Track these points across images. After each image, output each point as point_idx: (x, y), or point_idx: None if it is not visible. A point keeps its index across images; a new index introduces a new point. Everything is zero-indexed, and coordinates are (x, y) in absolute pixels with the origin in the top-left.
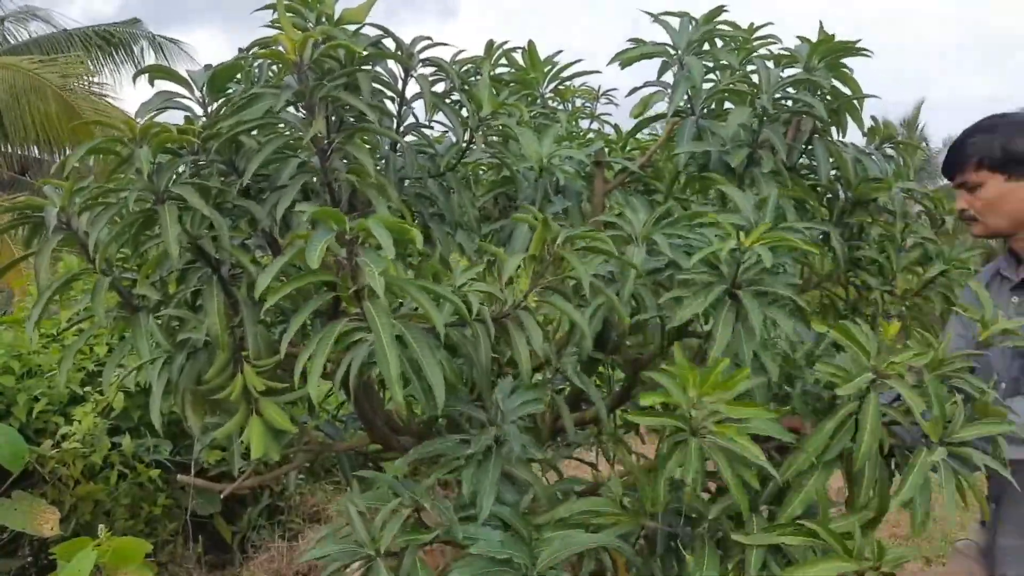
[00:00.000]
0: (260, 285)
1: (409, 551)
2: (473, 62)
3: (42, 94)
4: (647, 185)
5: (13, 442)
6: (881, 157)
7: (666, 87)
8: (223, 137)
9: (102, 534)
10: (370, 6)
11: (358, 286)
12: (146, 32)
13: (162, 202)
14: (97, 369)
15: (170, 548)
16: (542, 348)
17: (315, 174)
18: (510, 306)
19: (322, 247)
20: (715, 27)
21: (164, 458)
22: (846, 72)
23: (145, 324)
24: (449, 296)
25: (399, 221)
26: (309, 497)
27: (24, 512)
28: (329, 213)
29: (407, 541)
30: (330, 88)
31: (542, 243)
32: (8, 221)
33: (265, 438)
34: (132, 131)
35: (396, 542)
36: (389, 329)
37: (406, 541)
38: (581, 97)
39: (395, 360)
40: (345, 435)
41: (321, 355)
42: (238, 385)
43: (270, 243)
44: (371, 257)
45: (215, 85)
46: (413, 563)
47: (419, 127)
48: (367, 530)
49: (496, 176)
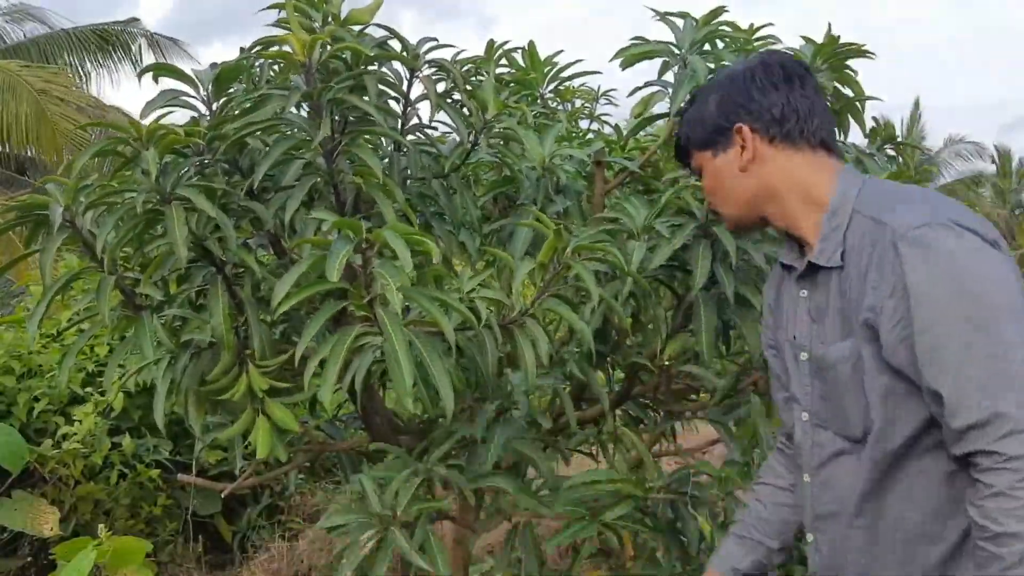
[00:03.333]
0: (278, 294)
1: (422, 521)
2: (474, 62)
3: (17, 95)
4: (647, 185)
5: (13, 442)
6: (883, 158)
7: (667, 87)
8: (230, 139)
9: (102, 534)
10: (377, 7)
11: (372, 295)
12: (144, 31)
13: (168, 203)
14: (98, 369)
15: (170, 548)
16: (547, 352)
17: (320, 175)
18: (517, 313)
19: (342, 259)
20: (715, 27)
21: (164, 458)
22: (849, 74)
23: (149, 324)
24: (458, 307)
25: (415, 232)
26: (309, 497)
27: (24, 512)
28: (348, 223)
29: (420, 510)
30: (338, 90)
31: (552, 252)
32: (11, 219)
33: (272, 438)
34: (138, 132)
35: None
36: (403, 339)
37: (419, 510)
38: (581, 97)
39: (409, 371)
40: (345, 435)
41: (335, 362)
42: (242, 385)
43: (273, 244)
44: (388, 269)
45: (221, 84)
46: (425, 533)
47: (423, 127)
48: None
49: (497, 176)
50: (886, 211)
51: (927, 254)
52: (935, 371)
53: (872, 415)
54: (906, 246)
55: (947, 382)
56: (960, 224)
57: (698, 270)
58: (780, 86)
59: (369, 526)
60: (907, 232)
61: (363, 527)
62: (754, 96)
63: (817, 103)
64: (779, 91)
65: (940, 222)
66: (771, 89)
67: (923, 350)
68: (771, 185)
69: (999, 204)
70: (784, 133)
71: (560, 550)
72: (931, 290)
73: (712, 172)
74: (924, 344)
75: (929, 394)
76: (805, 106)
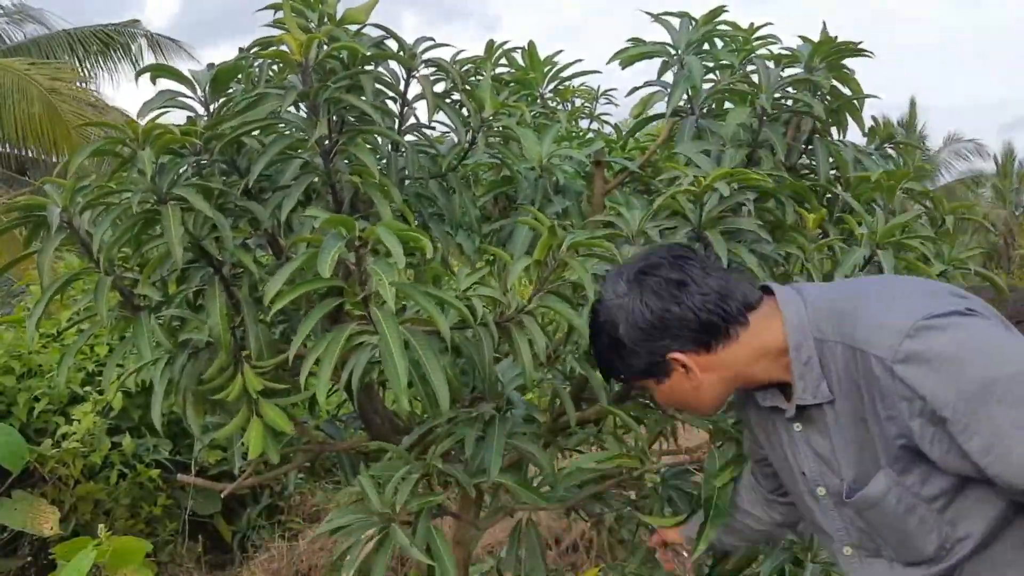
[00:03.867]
0: (270, 292)
1: (423, 516)
2: (473, 62)
3: (28, 95)
4: (647, 185)
5: (13, 442)
6: (880, 157)
7: (666, 87)
8: (227, 138)
9: (102, 534)
10: (372, 6)
11: (366, 292)
12: (144, 31)
13: (165, 203)
14: (97, 369)
15: (170, 548)
16: (544, 349)
17: (318, 175)
18: (514, 311)
19: (334, 255)
20: (715, 27)
21: (164, 458)
22: (847, 72)
23: (147, 324)
24: (455, 303)
25: (409, 228)
26: (309, 497)
27: (24, 512)
28: (340, 220)
29: (420, 505)
30: (334, 89)
31: (547, 249)
32: (10, 220)
33: (264, 439)
34: (135, 132)
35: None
36: (398, 337)
37: (419, 505)
38: (580, 97)
39: (403, 369)
40: (345, 435)
41: (329, 360)
42: (238, 385)
43: (271, 243)
44: (381, 265)
45: (218, 84)
46: (428, 528)
47: (420, 127)
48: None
49: (496, 176)
50: (854, 335)
51: (925, 366)
52: (1003, 466)
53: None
54: (902, 368)
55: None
56: (932, 315)
57: None
58: (678, 295)
59: (370, 524)
60: (894, 355)
61: (364, 526)
62: (666, 323)
63: (714, 277)
64: (681, 302)
65: (916, 327)
66: (673, 305)
67: (979, 452)
68: (731, 375)
69: (999, 204)
70: (715, 335)
71: (560, 549)
72: (949, 395)
73: (664, 392)
74: (976, 446)
75: (1011, 490)
76: (712, 296)
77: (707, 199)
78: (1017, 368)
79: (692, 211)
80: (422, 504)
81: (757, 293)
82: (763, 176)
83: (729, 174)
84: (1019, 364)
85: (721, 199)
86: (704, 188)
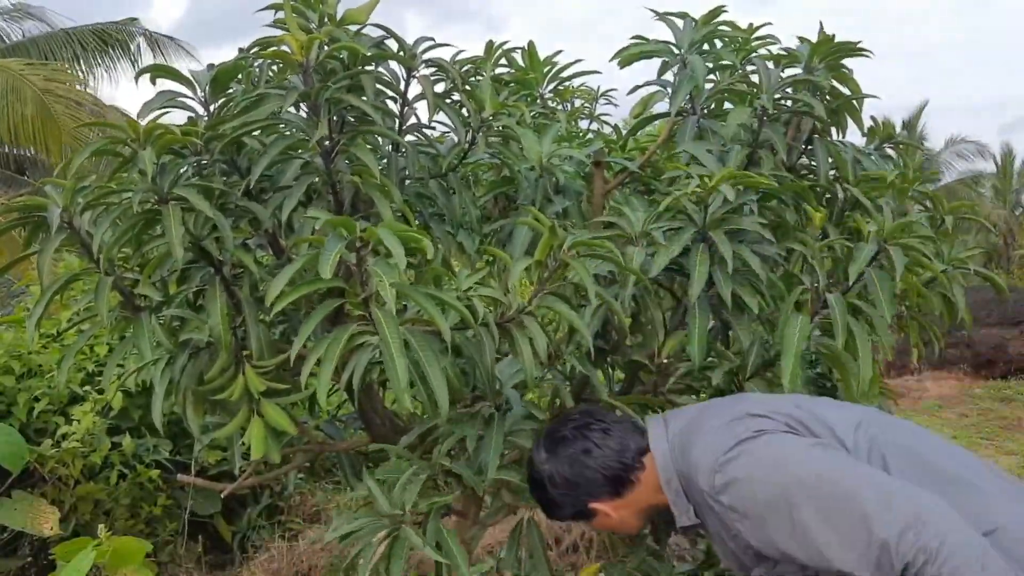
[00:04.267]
0: (272, 293)
1: (433, 516)
2: (473, 62)
3: (22, 96)
4: (647, 185)
5: (13, 442)
6: (880, 157)
7: (666, 86)
8: (227, 138)
9: (102, 534)
10: (372, 6)
11: (367, 293)
12: (143, 30)
13: (165, 203)
14: (97, 369)
15: (170, 548)
16: (545, 349)
17: (318, 175)
18: (514, 311)
19: (335, 257)
20: (715, 27)
21: (164, 458)
22: (846, 72)
23: (147, 324)
24: (455, 304)
25: (409, 229)
26: (309, 497)
27: (24, 512)
28: (341, 221)
29: (429, 506)
30: (335, 90)
31: (548, 249)
32: (9, 220)
33: (265, 439)
34: (135, 132)
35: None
36: (398, 337)
37: (429, 506)
38: (580, 97)
39: (403, 369)
40: (345, 435)
41: (330, 361)
42: (239, 386)
43: (271, 243)
44: (382, 266)
45: (218, 85)
46: (437, 527)
47: (420, 127)
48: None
49: (496, 176)
50: (689, 472)
51: (736, 490)
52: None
53: None
54: (724, 497)
55: (836, 555)
56: (737, 442)
57: (696, 276)
58: (585, 460)
59: (380, 527)
60: (711, 488)
61: (374, 528)
62: (580, 485)
63: (613, 436)
64: (588, 466)
65: (721, 460)
66: (583, 469)
67: (805, 548)
68: (643, 507)
69: (999, 204)
70: (621, 485)
71: (561, 549)
72: (760, 509)
73: (595, 525)
74: (801, 544)
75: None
76: (612, 456)
77: (712, 200)
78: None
79: (697, 212)
80: (431, 504)
81: (641, 435)
82: (767, 179)
83: (733, 176)
84: (804, 469)
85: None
86: (710, 190)
